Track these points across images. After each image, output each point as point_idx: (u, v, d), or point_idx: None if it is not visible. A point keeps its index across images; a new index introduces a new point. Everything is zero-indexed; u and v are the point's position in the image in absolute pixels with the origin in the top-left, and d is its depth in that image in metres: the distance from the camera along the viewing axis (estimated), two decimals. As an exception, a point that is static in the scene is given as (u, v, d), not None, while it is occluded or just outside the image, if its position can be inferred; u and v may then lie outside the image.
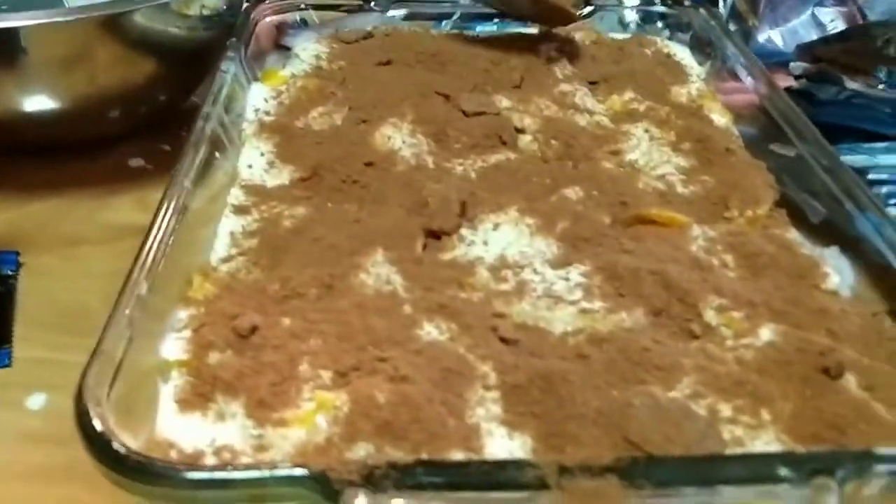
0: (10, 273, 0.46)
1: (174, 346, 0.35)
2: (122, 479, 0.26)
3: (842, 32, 0.67)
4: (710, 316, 0.37)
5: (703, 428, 0.31)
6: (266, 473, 0.26)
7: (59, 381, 0.39)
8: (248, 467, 0.28)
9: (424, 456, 0.28)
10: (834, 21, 0.69)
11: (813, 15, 0.69)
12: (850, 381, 0.34)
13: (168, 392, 0.33)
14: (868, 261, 0.40)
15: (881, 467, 0.27)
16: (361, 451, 0.29)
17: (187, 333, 0.35)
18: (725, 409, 0.32)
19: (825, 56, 0.63)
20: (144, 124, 0.58)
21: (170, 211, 0.39)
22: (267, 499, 0.27)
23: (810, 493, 0.26)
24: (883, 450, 0.27)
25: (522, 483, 0.26)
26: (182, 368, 0.34)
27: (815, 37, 0.67)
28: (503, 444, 0.31)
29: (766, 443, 0.31)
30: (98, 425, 0.27)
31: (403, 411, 0.30)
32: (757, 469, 0.27)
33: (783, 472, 0.26)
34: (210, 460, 0.29)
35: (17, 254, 0.47)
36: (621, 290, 0.38)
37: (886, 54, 0.61)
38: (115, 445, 0.27)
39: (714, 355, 0.35)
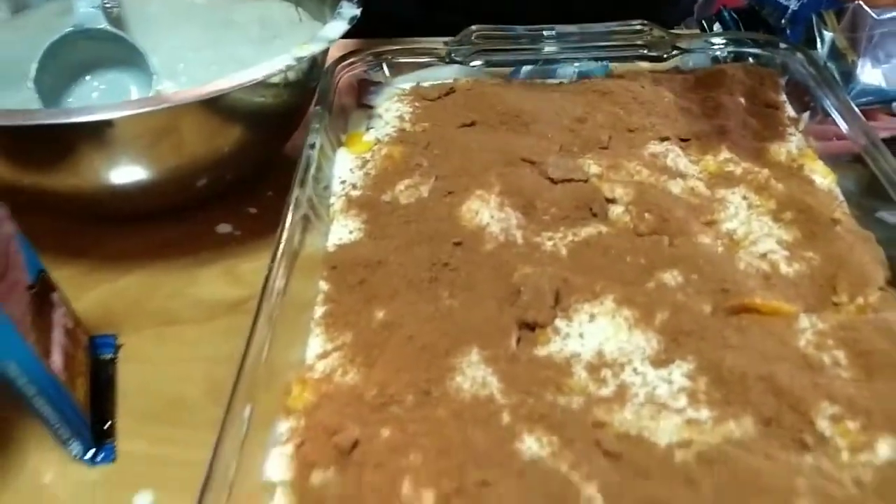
0: (109, 357, 0.47)
1: (278, 464, 0.35)
2: None
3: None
4: (824, 426, 0.35)
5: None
6: None
7: (164, 479, 0.41)
8: None
9: None
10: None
11: (917, 48, 0.65)
12: (983, 510, 0.32)
13: (275, 514, 0.33)
14: None
15: None
16: None
17: (289, 448, 0.35)
18: (846, 545, 0.31)
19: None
20: (231, 188, 0.59)
21: (262, 316, 0.39)
22: None
23: None
24: None
25: None
26: (286, 489, 0.34)
27: (920, 72, 0.63)
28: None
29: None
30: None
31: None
32: None
33: None
34: None
35: (115, 337, 0.48)
36: (728, 396, 0.37)
37: None
38: None
39: (829, 474, 0.33)
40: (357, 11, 0.57)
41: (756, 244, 0.46)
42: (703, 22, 0.72)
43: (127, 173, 0.53)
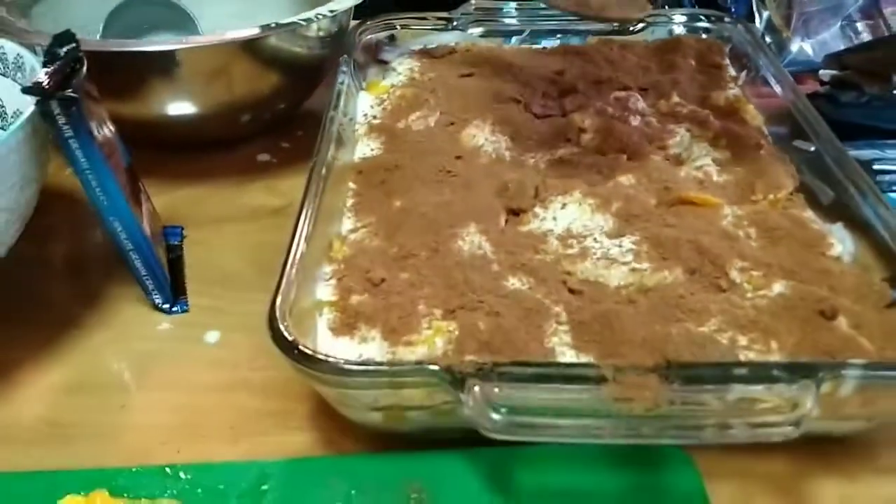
0: (177, 243, 0.58)
1: (325, 291, 0.46)
2: (308, 372, 0.38)
3: (867, 43, 0.76)
4: (735, 275, 0.47)
5: (724, 351, 0.41)
6: (410, 368, 0.38)
7: (227, 323, 0.52)
8: (397, 363, 0.39)
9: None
10: (861, 33, 0.77)
11: (842, 27, 0.78)
12: (842, 321, 0.43)
13: (323, 323, 0.44)
14: (866, 235, 0.49)
15: (850, 372, 0.37)
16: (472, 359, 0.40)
17: (333, 282, 0.47)
18: (742, 340, 0.42)
19: (851, 64, 0.72)
20: (268, 126, 0.70)
21: (311, 193, 0.50)
22: (406, 386, 0.38)
23: (796, 390, 0.36)
24: (851, 360, 0.37)
25: (589, 377, 0.37)
26: (332, 307, 0.45)
27: (843, 47, 0.76)
28: (573, 361, 0.41)
29: (771, 363, 0.41)
30: (289, 336, 0.39)
31: (498, 335, 0.41)
32: (758, 372, 0.37)
33: (777, 374, 0.37)
34: (362, 366, 0.40)
35: (182, 228, 0.60)
36: (664, 254, 0.48)
37: (907, 62, 0.70)
38: (303, 348, 0.38)
39: (736, 303, 0.45)
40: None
41: (695, 161, 0.58)
42: (666, 5, 0.84)
43: (185, 106, 0.65)
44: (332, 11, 0.63)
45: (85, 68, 0.49)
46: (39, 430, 0.45)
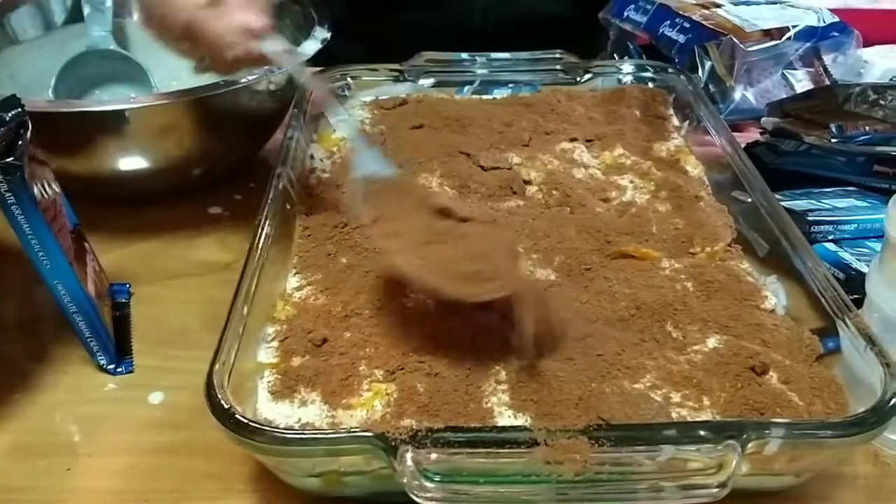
0: (124, 301, 0.59)
1: (266, 353, 0.47)
2: (243, 440, 0.38)
3: (808, 91, 0.78)
4: (671, 329, 0.48)
5: (657, 409, 0.42)
6: (344, 435, 0.38)
7: (172, 383, 0.52)
8: (331, 431, 0.39)
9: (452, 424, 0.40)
10: (802, 81, 0.80)
11: (783, 76, 0.80)
12: (773, 377, 0.45)
13: (264, 386, 0.45)
14: (798, 287, 0.51)
15: (775, 431, 0.38)
16: (407, 424, 0.40)
17: (275, 344, 0.47)
18: (676, 397, 0.43)
19: (793, 112, 0.74)
20: (221, 178, 0.71)
21: (256, 252, 0.51)
22: (340, 453, 0.38)
23: (721, 450, 0.37)
24: (775, 419, 0.38)
25: (520, 441, 0.37)
26: (273, 369, 0.46)
27: (784, 95, 0.78)
28: (510, 422, 0.42)
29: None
30: (225, 404, 0.39)
31: (437, 398, 0.42)
32: (686, 433, 0.38)
33: (703, 434, 0.38)
34: (299, 431, 0.41)
35: (129, 285, 0.60)
36: (604, 310, 0.49)
37: (847, 110, 0.72)
38: (238, 416, 0.38)
39: (671, 358, 0.46)
40: (328, 34, 0.70)
41: (637, 214, 0.59)
42: (615, 55, 0.86)
43: (137, 161, 0.65)
44: (280, 68, 0.64)
45: (29, 133, 0.49)
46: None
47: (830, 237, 0.59)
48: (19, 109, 0.50)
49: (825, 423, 0.40)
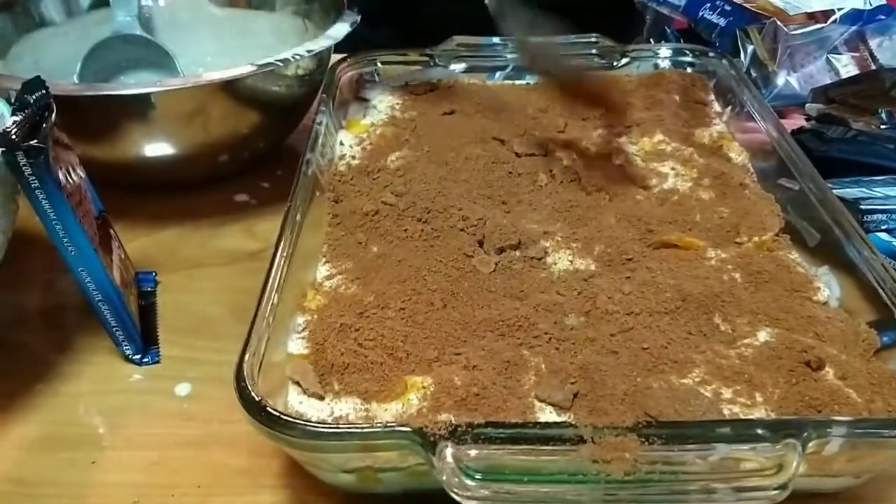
0: (150, 289, 0.57)
1: (297, 344, 0.45)
2: (274, 434, 0.36)
3: (853, 77, 0.75)
4: (719, 322, 0.46)
5: (707, 406, 0.40)
6: (380, 429, 0.36)
7: (198, 374, 0.51)
8: (367, 425, 0.38)
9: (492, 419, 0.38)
10: (847, 66, 0.77)
11: (828, 60, 0.77)
12: (829, 372, 0.42)
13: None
14: (852, 277, 0.48)
15: (836, 430, 0.35)
16: (445, 419, 0.38)
17: (306, 334, 0.45)
18: (727, 393, 0.41)
19: (837, 98, 0.71)
20: (247, 165, 0.69)
21: (286, 240, 0.49)
22: (376, 449, 0.37)
23: (781, 450, 0.35)
24: (837, 417, 0.36)
25: (566, 439, 0.35)
26: (304, 361, 0.44)
27: (829, 80, 0.75)
28: (551, 417, 0.40)
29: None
30: (256, 396, 0.37)
31: (474, 391, 0.40)
32: (741, 431, 0.36)
33: (761, 432, 0.35)
34: (333, 425, 0.39)
35: (155, 273, 0.58)
36: (648, 302, 0.47)
37: (893, 96, 0.69)
38: (270, 410, 0.37)
39: (720, 352, 0.44)
40: (357, 17, 0.68)
41: (679, 202, 0.57)
42: (651, 40, 0.84)
43: (163, 148, 0.64)
44: (309, 51, 0.62)
45: (54, 115, 0.48)
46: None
47: (884, 227, 0.56)
48: (43, 91, 0.48)
49: (890, 422, 0.38)
